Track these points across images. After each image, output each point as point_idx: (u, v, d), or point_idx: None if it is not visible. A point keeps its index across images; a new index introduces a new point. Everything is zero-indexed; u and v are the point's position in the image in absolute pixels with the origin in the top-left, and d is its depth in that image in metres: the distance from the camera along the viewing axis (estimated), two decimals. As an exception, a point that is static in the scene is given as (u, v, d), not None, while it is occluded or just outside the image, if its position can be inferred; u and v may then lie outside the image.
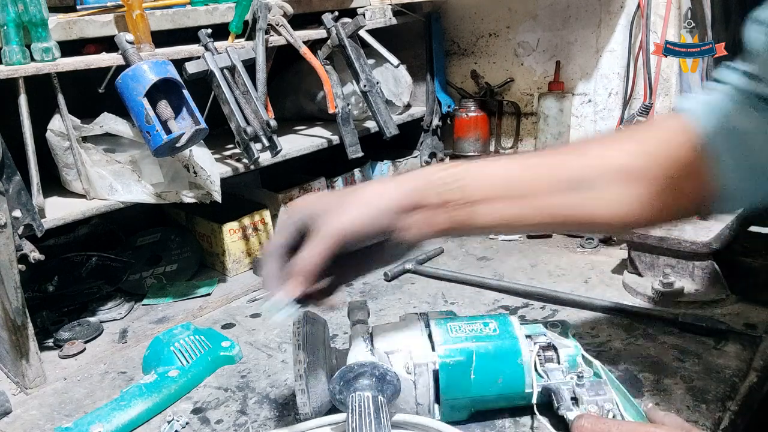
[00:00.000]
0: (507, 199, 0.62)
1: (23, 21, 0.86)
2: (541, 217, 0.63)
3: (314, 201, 0.63)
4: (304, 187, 1.30)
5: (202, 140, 0.99)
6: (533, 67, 1.39)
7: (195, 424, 0.75)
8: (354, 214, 0.59)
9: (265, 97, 1.13)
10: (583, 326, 0.88)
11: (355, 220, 0.59)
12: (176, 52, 1.01)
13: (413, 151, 1.52)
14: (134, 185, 0.96)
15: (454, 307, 0.99)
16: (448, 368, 0.66)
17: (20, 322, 0.84)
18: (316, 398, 0.68)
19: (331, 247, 0.58)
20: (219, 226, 1.17)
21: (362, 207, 0.59)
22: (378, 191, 0.61)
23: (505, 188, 0.62)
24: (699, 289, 0.93)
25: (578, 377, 0.68)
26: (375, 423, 0.56)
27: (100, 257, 1.11)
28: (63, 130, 0.94)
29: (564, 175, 0.62)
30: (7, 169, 0.80)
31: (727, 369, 0.75)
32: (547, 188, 0.62)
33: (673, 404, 0.70)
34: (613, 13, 1.26)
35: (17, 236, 0.81)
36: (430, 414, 0.68)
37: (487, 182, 0.62)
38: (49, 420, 0.80)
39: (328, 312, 0.68)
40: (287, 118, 1.43)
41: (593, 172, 0.61)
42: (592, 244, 1.18)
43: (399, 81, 1.37)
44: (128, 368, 0.91)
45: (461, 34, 1.48)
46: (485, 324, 0.70)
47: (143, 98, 0.88)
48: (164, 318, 1.05)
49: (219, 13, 1.11)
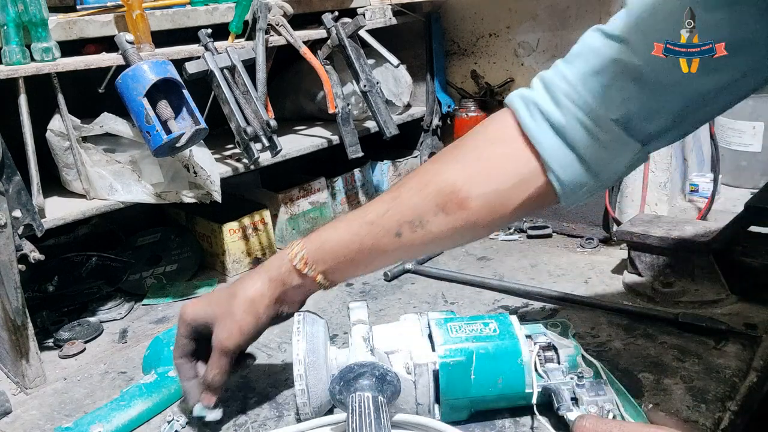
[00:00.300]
0: (357, 258, 0.70)
1: (23, 21, 0.86)
2: (395, 257, 0.71)
3: (203, 307, 0.71)
4: (304, 187, 1.30)
5: (202, 140, 0.99)
6: (533, 67, 1.39)
7: (195, 424, 0.75)
8: (243, 322, 0.68)
9: (265, 97, 1.13)
10: (583, 326, 0.88)
11: (244, 328, 0.68)
12: (176, 52, 1.01)
13: (413, 151, 1.52)
14: (134, 185, 0.96)
15: (454, 307, 0.99)
16: (448, 368, 0.66)
17: (20, 322, 0.84)
18: (316, 398, 0.68)
19: (230, 359, 0.69)
20: (219, 226, 1.17)
21: (245, 312, 0.69)
22: (254, 288, 0.69)
23: (350, 251, 0.69)
24: (699, 289, 0.93)
25: (578, 377, 0.68)
26: (375, 423, 0.56)
27: (100, 257, 1.11)
28: (63, 130, 0.94)
29: (393, 223, 0.67)
30: (7, 169, 0.80)
31: (727, 369, 0.75)
32: (384, 239, 0.68)
33: (673, 404, 0.70)
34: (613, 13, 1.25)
35: (17, 236, 0.81)
36: (430, 414, 0.68)
37: (334, 251, 0.70)
38: (49, 420, 0.80)
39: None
40: (287, 118, 1.43)
41: (418, 211, 0.67)
42: (592, 244, 1.18)
43: (399, 81, 1.37)
44: (128, 368, 0.91)
45: (461, 34, 1.48)
46: (485, 324, 0.70)
47: (143, 98, 0.88)
48: (164, 318, 1.05)
49: (219, 13, 1.11)
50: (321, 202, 1.33)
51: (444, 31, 1.49)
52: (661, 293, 0.93)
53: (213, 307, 0.70)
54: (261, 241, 1.22)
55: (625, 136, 0.61)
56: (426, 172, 0.69)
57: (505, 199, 0.66)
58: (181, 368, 0.72)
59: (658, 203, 1.25)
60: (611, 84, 0.59)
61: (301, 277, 0.70)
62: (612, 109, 0.60)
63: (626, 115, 0.60)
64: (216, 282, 1.16)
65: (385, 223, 0.68)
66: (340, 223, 0.71)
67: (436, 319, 0.72)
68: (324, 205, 1.34)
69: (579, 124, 0.61)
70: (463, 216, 0.66)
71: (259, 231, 1.22)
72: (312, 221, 1.32)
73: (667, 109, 0.59)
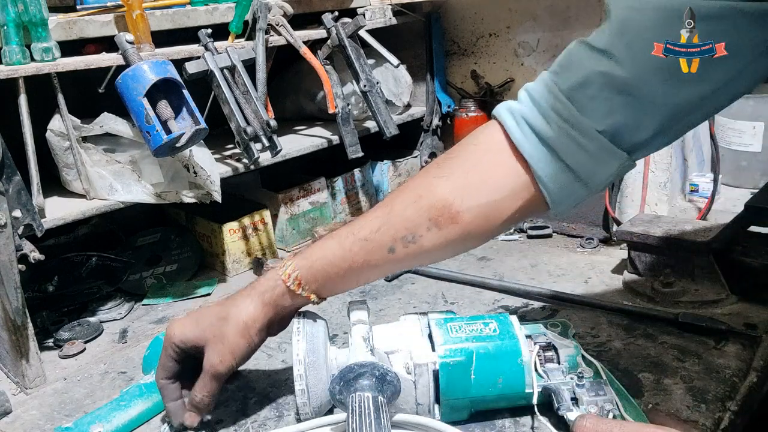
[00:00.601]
0: (347, 277, 0.70)
1: (23, 21, 0.86)
2: (388, 269, 0.73)
3: (191, 328, 0.70)
4: (304, 187, 1.30)
5: (202, 140, 0.99)
6: (533, 67, 1.39)
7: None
8: (236, 347, 0.68)
9: (265, 97, 1.13)
10: (583, 326, 0.88)
11: (237, 352, 0.68)
12: (176, 52, 1.01)
13: (413, 151, 1.52)
14: (134, 185, 0.96)
15: (454, 307, 0.99)
16: (448, 368, 0.66)
17: (20, 322, 0.84)
18: (316, 398, 0.68)
19: (221, 383, 0.69)
20: (219, 226, 1.17)
21: (239, 336, 0.68)
22: (247, 312, 0.69)
23: (343, 269, 0.69)
24: (699, 289, 0.93)
25: (578, 377, 0.68)
26: (375, 423, 0.56)
27: (100, 257, 1.11)
28: (63, 130, 0.94)
29: (386, 239, 0.68)
30: (7, 169, 0.80)
31: (727, 369, 0.75)
32: (377, 255, 0.68)
33: (673, 404, 0.70)
34: (613, 13, 1.25)
35: (17, 236, 0.81)
36: (430, 414, 0.68)
37: (326, 271, 0.69)
38: (49, 420, 0.80)
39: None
40: (287, 118, 1.43)
41: (411, 226, 0.67)
42: (592, 244, 1.18)
43: (399, 81, 1.37)
44: (128, 368, 0.91)
45: (461, 34, 1.48)
46: (485, 324, 0.70)
47: (143, 98, 0.88)
48: (164, 318, 1.05)
49: (219, 13, 1.11)
50: (321, 202, 1.33)
51: (444, 31, 1.49)
52: (661, 293, 0.93)
53: (203, 329, 0.69)
54: (261, 241, 1.22)
55: (612, 147, 0.62)
56: (417, 186, 0.70)
57: (497, 211, 0.67)
58: (165, 389, 0.71)
59: (658, 203, 1.25)
60: (597, 96, 0.60)
61: (294, 297, 0.70)
62: (598, 121, 0.61)
63: (613, 126, 0.61)
64: (216, 282, 1.16)
65: (378, 239, 0.68)
66: (331, 241, 0.70)
67: (436, 319, 0.72)
68: (324, 205, 1.34)
69: (566, 137, 0.62)
70: (456, 229, 0.67)
71: (259, 231, 1.22)
72: (312, 221, 1.32)
73: (652, 119, 0.60)
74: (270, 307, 0.69)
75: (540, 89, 0.65)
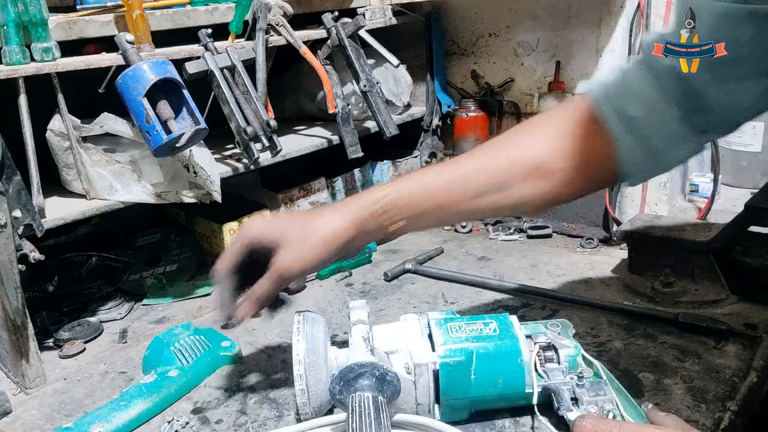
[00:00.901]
0: (433, 212, 0.72)
1: (23, 21, 0.86)
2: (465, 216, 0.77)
3: (270, 227, 0.71)
4: (304, 187, 1.30)
5: (202, 140, 0.99)
6: (533, 67, 1.39)
7: (195, 424, 0.75)
8: (311, 256, 0.69)
9: (265, 97, 1.13)
10: (583, 326, 0.88)
11: (310, 262, 0.69)
12: (176, 52, 1.01)
13: (413, 151, 1.52)
14: (134, 185, 0.96)
15: (454, 307, 0.99)
16: (448, 368, 0.66)
17: (20, 322, 0.84)
18: (316, 398, 0.68)
19: (284, 284, 0.70)
20: (219, 226, 1.17)
21: (318, 248, 0.69)
22: (331, 227, 0.70)
23: (430, 205, 0.72)
24: (699, 289, 0.93)
25: (578, 377, 0.68)
26: (375, 423, 0.56)
27: (100, 257, 1.11)
28: (63, 130, 0.94)
29: (482, 181, 0.71)
30: (7, 169, 0.80)
31: (727, 369, 0.75)
32: (467, 197, 0.72)
33: (673, 404, 0.70)
34: (614, 13, 1.25)
35: (17, 236, 0.81)
36: (430, 414, 0.68)
37: (414, 204, 0.71)
38: (49, 420, 0.80)
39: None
40: (287, 118, 1.43)
41: (507, 175, 0.71)
42: (592, 244, 1.18)
43: (399, 81, 1.37)
44: (128, 368, 0.91)
45: (461, 34, 1.48)
46: (485, 324, 0.70)
47: (143, 98, 0.88)
48: (164, 318, 1.05)
49: (219, 13, 1.11)
50: (321, 202, 1.33)
51: (444, 31, 1.49)
52: (661, 293, 0.93)
53: (282, 230, 0.70)
54: (261, 241, 1.22)
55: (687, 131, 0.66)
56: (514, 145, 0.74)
57: (582, 176, 0.71)
58: (224, 280, 0.72)
59: (658, 203, 1.25)
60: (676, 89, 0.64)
61: (379, 224, 0.71)
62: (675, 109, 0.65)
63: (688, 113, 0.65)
64: (216, 282, 1.16)
65: (477, 179, 0.71)
66: (427, 175, 0.74)
67: (436, 319, 0.72)
68: (324, 205, 1.34)
69: (648, 119, 0.67)
70: (548, 185, 0.71)
71: (259, 231, 1.21)
72: (312, 221, 1.32)
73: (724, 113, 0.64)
74: (354, 227, 0.70)
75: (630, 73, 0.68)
